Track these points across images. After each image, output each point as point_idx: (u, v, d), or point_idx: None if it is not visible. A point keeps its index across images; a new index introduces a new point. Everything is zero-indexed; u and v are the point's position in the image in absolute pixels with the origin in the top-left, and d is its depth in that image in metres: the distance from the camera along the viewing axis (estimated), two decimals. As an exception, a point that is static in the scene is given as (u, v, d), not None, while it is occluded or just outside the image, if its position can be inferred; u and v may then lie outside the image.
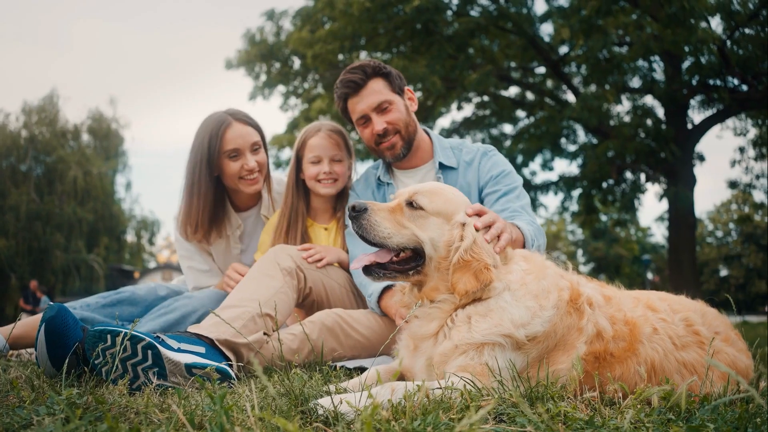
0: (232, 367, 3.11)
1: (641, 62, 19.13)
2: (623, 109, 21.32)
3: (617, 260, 64.42)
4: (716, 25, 16.95)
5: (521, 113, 24.04)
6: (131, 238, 50.68)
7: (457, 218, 2.77)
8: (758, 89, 16.97)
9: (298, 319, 3.39)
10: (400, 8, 17.59)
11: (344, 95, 4.23)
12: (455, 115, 64.76)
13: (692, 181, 19.16)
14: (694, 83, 18.20)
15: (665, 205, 20.76)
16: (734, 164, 22.34)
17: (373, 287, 3.86)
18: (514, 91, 23.20)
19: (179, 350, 2.93)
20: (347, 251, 4.33)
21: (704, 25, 15.69)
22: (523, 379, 2.42)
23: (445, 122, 26.22)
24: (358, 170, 4.79)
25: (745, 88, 17.74)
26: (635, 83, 20.28)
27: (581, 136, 23.30)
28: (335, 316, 3.78)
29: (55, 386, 2.61)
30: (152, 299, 4.32)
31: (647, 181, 21.34)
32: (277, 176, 4.88)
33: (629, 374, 2.65)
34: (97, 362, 2.75)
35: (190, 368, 2.87)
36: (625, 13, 16.68)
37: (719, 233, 66.72)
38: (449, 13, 18.97)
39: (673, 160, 18.27)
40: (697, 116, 20.32)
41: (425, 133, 4.46)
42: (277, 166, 22.51)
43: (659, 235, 73.94)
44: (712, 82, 18.07)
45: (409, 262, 2.75)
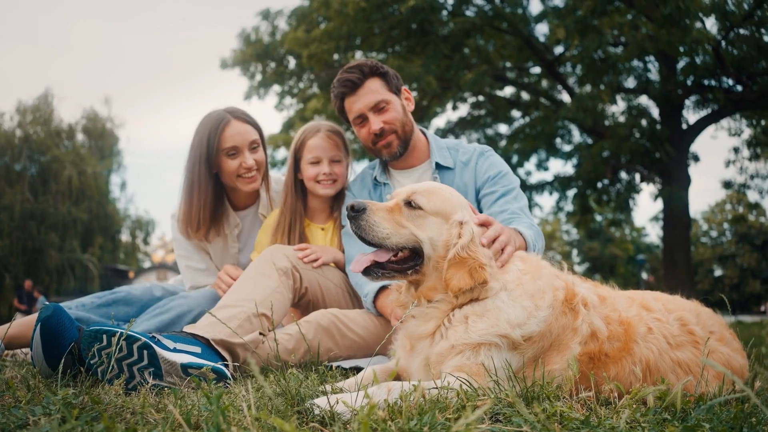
0: (228, 367, 3.11)
1: (636, 62, 19.21)
2: (618, 109, 21.41)
3: (612, 260, 64.58)
4: (711, 25, 17.04)
5: (516, 113, 24.10)
6: (126, 237, 50.58)
7: (455, 217, 2.77)
8: (753, 89, 17.05)
9: (294, 318, 3.38)
10: (395, 8, 17.61)
11: (341, 94, 4.23)
12: (450, 115, 64.74)
13: (687, 181, 19.22)
14: (688, 83, 18.27)
15: (660, 205, 20.83)
16: (729, 164, 22.48)
17: (368, 287, 3.85)
18: (509, 91, 23.27)
19: (175, 350, 2.93)
20: (344, 251, 4.32)
21: (699, 25, 15.77)
22: (518, 379, 2.43)
23: (440, 122, 26.26)
24: (354, 170, 4.79)
25: (739, 88, 17.83)
26: (630, 83, 20.35)
27: (576, 136, 23.38)
28: (331, 316, 3.77)
29: (51, 386, 2.60)
30: (148, 299, 4.31)
31: (642, 181, 21.41)
32: (275, 176, 4.87)
33: (624, 374, 2.65)
34: (92, 362, 2.74)
35: (186, 368, 2.86)
36: (620, 13, 16.73)
37: (714, 233, 66.97)
38: (444, 13, 18.99)
39: (667, 160, 18.32)
40: (691, 116, 20.39)
41: (422, 133, 4.46)
42: (272, 165, 22.46)
43: (654, 235, 74.25)
44: (706, 82, 18.15)
45: (407, 261, 2.74)
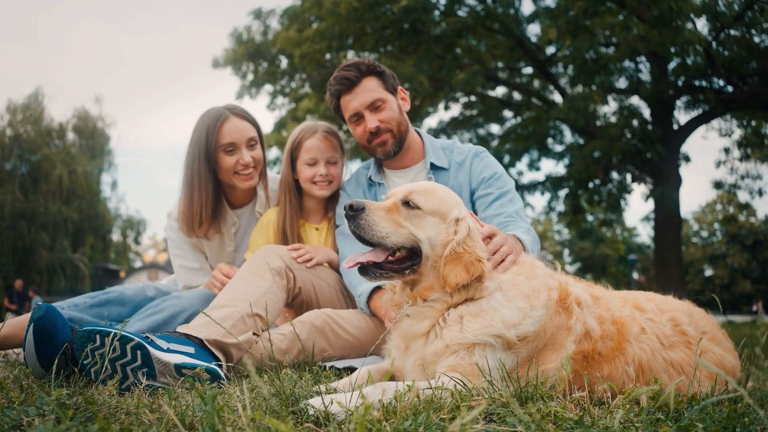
0: (221, 367, 3.11)
1: (628, 63, 19.26)
2: (610, 109, 21.49)
3: (603, 260, 64.82)
4: (702, 26, 17.11)
5: (508, 113, 24.15)
6: (117, 237, 50.47)
7: (452, 216, 2.77)
8: (743, 90, 17.14)
9: (288, 318, 3.38)
10: (387, 8, 17.61)
11: (338, 92, 4.23)
12: (442, 114, 64.80)
13: (678, 181, 19.29)
14: (680, 84, 18.35)
15: (651, 205, 20.90)
16: (719, 165, 22.57)
17: (362, 287, 3.85)
18: (501, 91, 23.32)
19: (168, 350, 2.92)
20: (338, 251, 4.32)
21: (690, 26, 15.83)
22: (512, 379, 2.43)
23: (432, 122, 26.27)
24: (350, 169, 4.78)
25: (730, 89, 17.92)
26: (622, 84, 20.42)
27: (568, 136, 23.44)
28: (325, 316, 3.77)
29: (44, 387, 2.59)
30: (140, 299, 4.29)
31: (633, 181, 21.50)
32: (272, 175, 4.86)
33: (617, 373, 2.66)
34: (86, 363, 2.74)
35: (179, 368, 2.86)
36: (611, 13, 16.79)
37: (704, 233, 67.31)
38: (437, 13, 19.02)
39: (659, 160, 18.39)
40: (682, 117, 20.46)
41: (416, 133, 4.46)
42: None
43: (645, 235, 74.54)
44: (697, 83, 18.23)
45: (404, 261, 2.74)
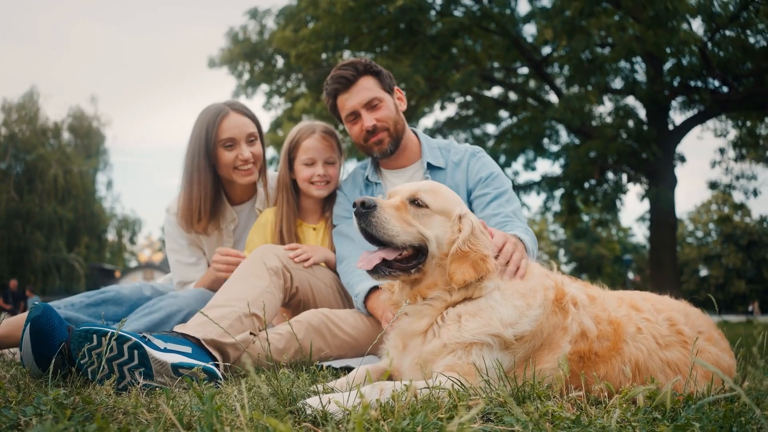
0: (218, 367, 3.10)
1: (623, 63, 19.26)
2: (605, 109, 21.50)
3: (599, 260, 64.95)
4: (697, 27, 17.18)
5: (504, 113, 24.13)
6: (112, 237, 50.52)
7: (455, 214, 2.79)
8: (738, 91, 17.17)
9: (286, 318, 3.37)
10: (383, 8, 17.59)
11: (334, 91, 4.23)
12: (438, 114, 65.02)
13: (673, 181, 19.31)
14: (675, 84, 18.37)
15: (646, 205, 20.92)
16: (714, 165, 22.60)
17: (359, 287, 3.85)
18: (497, 91, 23.31)
19: (166, 350, 2.92)
20: (335, 251, 4.33)
21: (686, 26, 15.84)
22: (509, 378, 2.44)
23: (428, 122, 26.27)
24: (346, 169, 4.78)
25: (725, 89, 17.94)
26: (617, 84, 20.42)
27: (564, 136, 23.45)
28: (322, 315, 3.77)
29: (41, 386, 2.59)
30: (137, 299, 4.28)
31: (629, 181, 21.50)
32: (272, 173, 4.86)
33: (614, 373, 2.67)
34: (83, 362, 2.73)
35: (176, 368, 2.85)
36: (607, 14, 16.80)
37: (699, 233, 67.46)
38: (433, 13, 19.00)
39: (654, 160, 18.41)
40: (678, 117, 20.50)
41: (413, 133, 4.47)
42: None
43: (640, 235, 74.72)
44: (693, 83, 18.25)
45: (410, 260, 2.73)
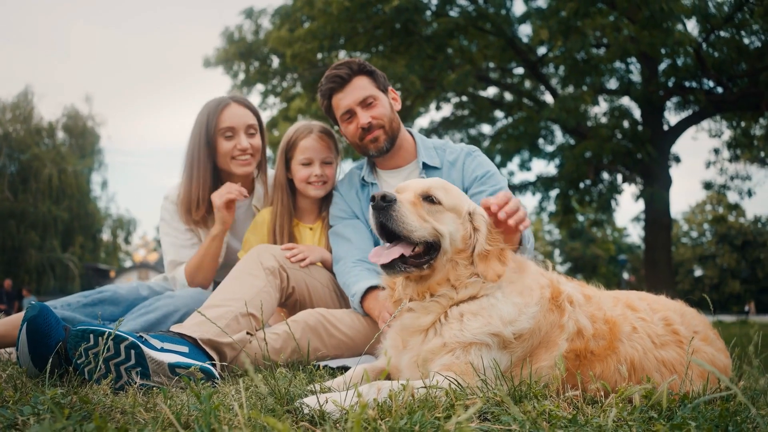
0: (215, 366, 3.11)
1: (618, 64, 19.33)
2: (600, 110, 21.56)
3: (594, 260, 65.06)
4: (692, 27, 17.19)
5: (499, 114, 24.16)
6: (107, 236, 50.40)
7: (464, 210, 2.81)
8: (733, 91, 17.22)
9: (283, 318, 3.37)
10: (379, 8, 17.59)
11: (329, 90, 4.24)
12: (434, 115, 64.76)
13: (668, 181, 19.37)
14: (670, 85, 18.42)
15: (641, 205, 20.97)
16: (709, 165, 22.69)
17: (356, 287, 3.85)
18: (492, 91, 23.32)
19: (162, 350, 2.92)
20: (331, 251, 4.33)
21: (680, 27, 15.89)
22: (506, 378, 2.44)
23: (423, 122, 26.25)
24: (343, 169, 4.79)
25: (720, 90, 18.00)
26: (612, 85, 20.48)
27: (559, 136, 23.49)
28: (318, 315, 3.77)
29: (38, 386, 2.59)
30: (134, 298, 4.28)
31: (624, 181, 21.56)
32: (272, 172, 4.87)
33: (609, 372, 2.68)
34: (79, 362, 2.73)
35: (173, 368, 2.86)
36: (602, 14, 16.83)
37: (694, 234, 67.66)
38: (428, 13, 19.02)
39: (649, 161, 18.45)
40: (673, 118, 20.51)
41: (408, 133, 4.47)
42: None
43: (635, 235, 74.89)
44: (687, 84, 18.31)
45: (422, 256, 2.73)
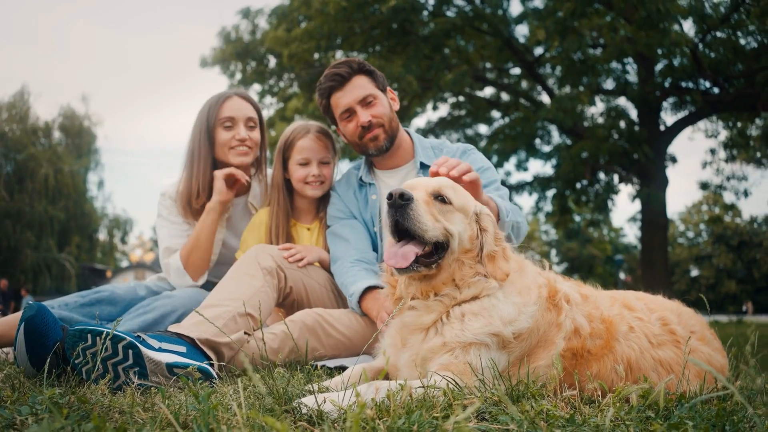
0: (213, 366, 3.11)
1: (615, 64, 19.32)
2: (597, 110, 21.54)
3: (590, 260, 65.11)
4: (689, 28, 17.21)
5: (496, 114, 24.14)
6: (103, 236, 50.38)
7: (471, 210, 2.82)
8: (729, 92, 17.23)
9: (281, 318, 3.38)
10: (376, 8, 17.58)
11: (329, 89, 4.24)
12: (431, 115, 65.03)
13: (664, 182, 19.38)
14: (666, 85, 18.43)
15: (638, 205, 20.98)
16: (705, 166, 22.69)
17: (354, 287, 3.86)
18: (489, 91, 23.30)
19: (160, 350, 2.92)
20: (329, 251, 4.33)
21: (677, 28, 15.90)
22: (504, 377, 2.45)
23: (420, 122, 26.31)
24: (340, 169, 4.79)
25: (716, 90, 18.01)
26: (609, 85, 20.47)
27: (555, 137, 23.49)
28: (316, 315, 3.77)
29: (36, 386, 2.59)
30: (131, 298, 4.28)
31: (620, 182, 21.57)
32: (269, 171, 4.89)
33: (606, 371, 2.69)
34: (77, 362, 2.74)
35: (171, 368, 2.86)
36: (599, 15, 16.83)
37: (690, 234, 67.79)
38: (425, 13, 19.00)
39: (645, 161, 18.46)
40: (669, 118, 20.51)
41: (406, 133, 4.49)
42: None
43: (631, 235, 74.93)
44: (684, 84, 18.32)
45: (431, 255, 2.72)
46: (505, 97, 23.06)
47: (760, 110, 17.03)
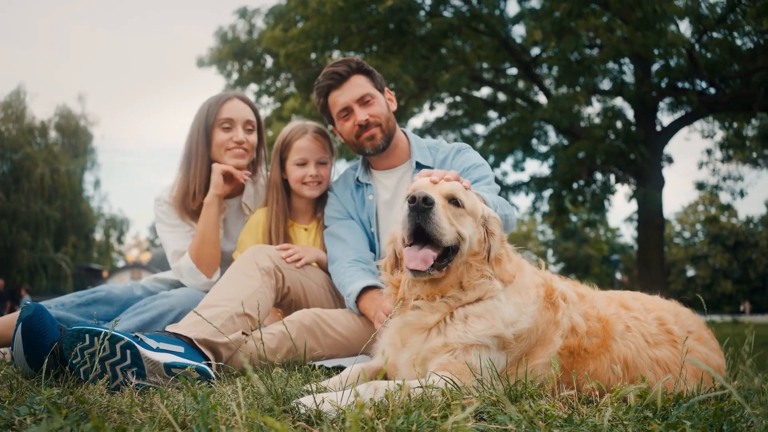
0: (211, 366, 3.11)
1: (611, 64, 19.35)
2: (593, 110, 21.60)
3: (587, 260, 65.19)
4: (685, 28, 17.26)
5: (493, 114, 24.17)
6: (100, 236, 50.30)
7: (479, 214, 2.82)
8: (725, 92, 17.28)
9: (280, 317, 3.38)
10: (373, 8, 17.57)
11: (327, 87, 4.24)
12: (428, 115, 65.09)
13: (661, 182, 19.41)
14: (663, 86, 18.47)
15: (634, 205, 21.02)
16: (701, 166, 22.76)
17: (352, 287, 3.86)
18: (486, 91, 23.33)
19: (158, 350, 2.92)
20: (326, 251, 4.33)
21: (673, 28, 15.93)
22: (502, 377, 2.45)
23: (417, 122, 26.24)
24: (337, 169, 4.79)
25: (712, 91, 18.07)
26: (605, 85, 20.50)
27: (552, 137, 23.52)
28: (314, 315, 3.77)
29: (33, 386, 2.59)
30: (128, 298, 4.28)
31: (617, 182, 21.60)
32: (262, 172, 4.89)
33: (603, 370, 2.69)
34: (75, 362, 2.73)
35: (169, 368, 2.86)
36: (596, 15, 16.87)
37: (686, 234, 67.92)
38: (422, 13, 19.00)
39: (642, 161, 18.49)
40: (665, 118, 20.55)
41: (403, 133, 4.49)
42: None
43: (628, 235, 74.97)
44: (680, 84, 18.37)
45: (442, 258, 2.71)
46: (501, 97, 23.08)
47: (756, 111, 17.07)
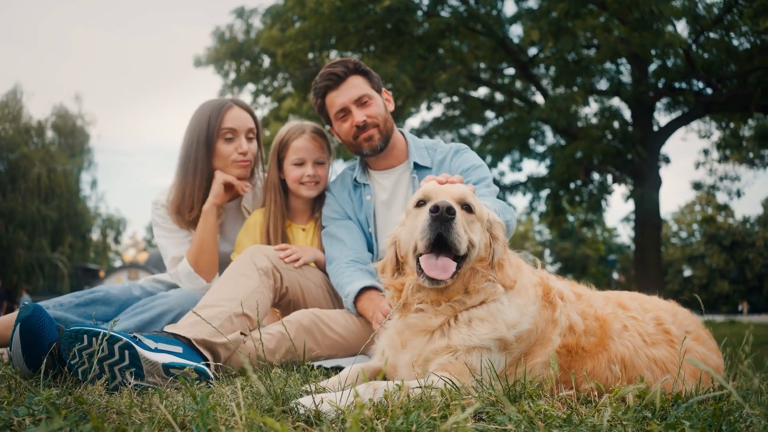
0: (209, 366, 3.10)
1: (609, 65, 19.41)
2: (591, 110, 21.64)
3: (584, 260, 65.24)
4: (682, 29, 17.29)
5: (490, 114, 24.19)
6: (96, 236, 50.25)
7: (485, 219, 2.81)
8: (722, 93, 17.32)
9: (279, 317, 3.37)
10: (370, 8, 17.57)
11: (324, 88, 4.23)
12: (425, 115, 65.00)
13: (658, 182, 19.45)
14: (660, 86, 18.52)
15: (631, 206, 21.05)
16: (698, 166, 22.83)
17: (350, 288, 3.85)
18: (483, 91, 23.35)
19: (156, 350, 2.91)
20: (324, 251, 4.33)
21: (670, 29, 15.96)
22: (501, 378, 2.45)
23: (414, 122, 26.28)
24: (335, 170, 4.79)
25: (709, 91, 18.11)
26: (603, 85, 20.55)
27: (549, 137, 23.56)
28: (312, 315, 3.77)
29: (32, 386, 2.58)
30: (126, 298, 4.26)
31: (614, 182, 21.64)
32: (259, 174, 4.88)
33: (600, 369, 2.69)
34: (73, 363, 2.73)
35: (167, 368, 2.85)
36: (593, 15, 16.89)
37: (683, 234, 68.06)
38: (420, 13, 19.02)
39: (639, 161, 18.53)
40: (662, 118, 20.60)
41: (400, 134, 4.49)
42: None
43: (625, 235, 75.15)
44: (677, 85, 18.41)
45: None
46: (499, 97, 23.10)
47: (752, 111, 17.11)
